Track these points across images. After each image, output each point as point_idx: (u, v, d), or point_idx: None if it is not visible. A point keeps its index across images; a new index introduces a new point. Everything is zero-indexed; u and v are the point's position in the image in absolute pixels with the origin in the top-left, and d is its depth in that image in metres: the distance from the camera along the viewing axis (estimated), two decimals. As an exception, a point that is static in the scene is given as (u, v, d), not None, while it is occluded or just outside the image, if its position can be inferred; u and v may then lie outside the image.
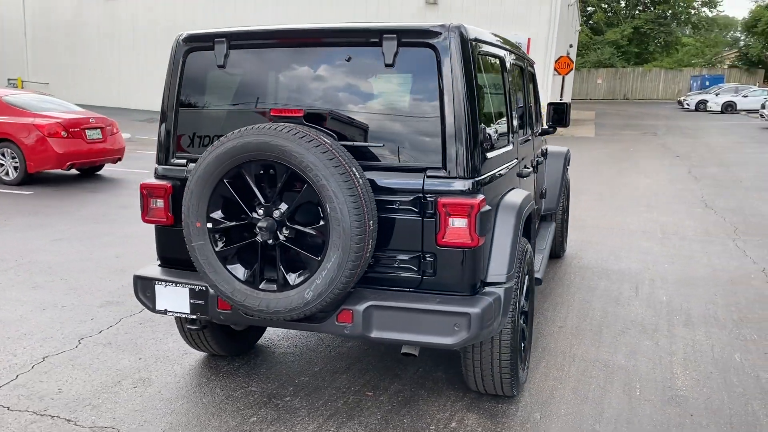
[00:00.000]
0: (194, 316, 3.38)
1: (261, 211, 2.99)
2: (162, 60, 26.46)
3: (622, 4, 59.38)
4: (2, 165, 10.72)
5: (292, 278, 2.98)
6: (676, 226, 8.40)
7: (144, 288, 3.46)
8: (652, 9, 57.12)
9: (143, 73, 26.93)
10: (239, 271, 3.06)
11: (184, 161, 3.41)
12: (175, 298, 3.38)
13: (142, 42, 27.37)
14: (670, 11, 56.42)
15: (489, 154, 3.26)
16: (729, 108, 35.97)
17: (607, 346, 4.46)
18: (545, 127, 5.81)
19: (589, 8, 55.48)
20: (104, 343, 4.46)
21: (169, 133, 3.45)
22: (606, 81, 53.24)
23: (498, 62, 3.78)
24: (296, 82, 3.23)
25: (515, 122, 4.08)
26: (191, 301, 3.34)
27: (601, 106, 42.47)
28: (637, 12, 58.06)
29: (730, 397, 3.75)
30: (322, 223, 2.89)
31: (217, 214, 3.05)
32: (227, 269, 3.05)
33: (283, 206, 2.98)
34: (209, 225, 3.03)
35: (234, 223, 3.05)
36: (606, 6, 58.30)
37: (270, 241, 2.99)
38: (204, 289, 3.30)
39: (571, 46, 31.30)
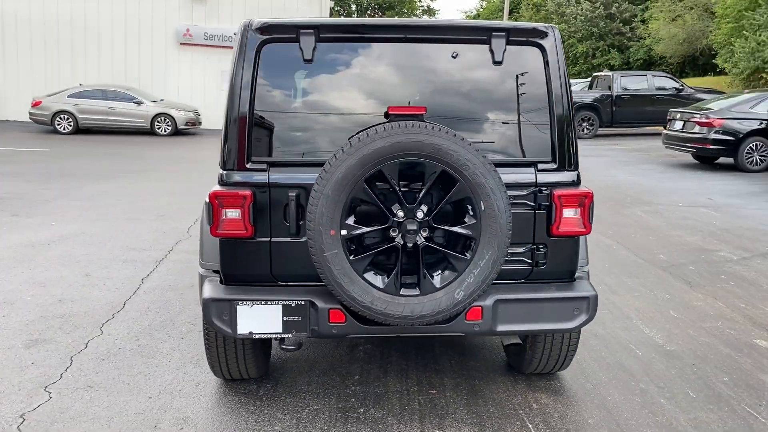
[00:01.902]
0: (288, 335, 3.06)
1: (401, 213, 2.85)
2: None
3: (354, 7, 62.93)
4: None
5: (436, 280, 2.90)
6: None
7: (220, 311, 3.04)
8: (380, 14, 61.49)
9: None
10: (375, 278, 2.87)
11: (264, 165, 3.06)
12: (262, 317, 3.03)
13: None
14: (396, 16, 61.32)
15: None
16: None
17: (576, 318, 4.96)
18: None
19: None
20: (82, 387, 3.74)
21: (243, 135, 3.05)
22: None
23: None
24: (401, 78, 3.11)
25: None
26: (284, 318, 3.03)
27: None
28: (367, 16, 62.03)
29: (701, 346, 4.47)
30: (473, 221, 2.85)
31: (351, 220, 2.83)
32: (363, 278, 2.84)
33: (424, 207, 2.87)
34: (343, 232, 2.80)
35: (375, 228, 2.85)
36: (339, 9, 61.23)
37: (411, 244, 2.86)
38: (302, 303, 3.02)
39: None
